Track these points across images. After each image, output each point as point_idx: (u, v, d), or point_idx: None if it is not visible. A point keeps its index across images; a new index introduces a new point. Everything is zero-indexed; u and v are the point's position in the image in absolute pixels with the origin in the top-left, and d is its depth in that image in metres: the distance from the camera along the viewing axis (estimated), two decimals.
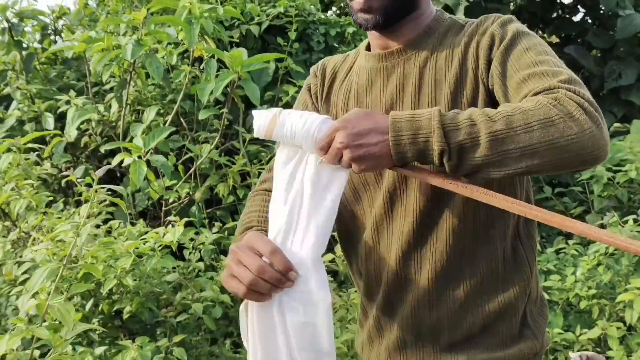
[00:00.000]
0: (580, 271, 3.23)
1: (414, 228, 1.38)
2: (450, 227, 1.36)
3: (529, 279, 1.41)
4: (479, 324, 1.39)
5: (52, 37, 4.63)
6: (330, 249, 3.25)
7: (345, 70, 1.56)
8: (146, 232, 3.04)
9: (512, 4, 6.67)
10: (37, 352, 2.36)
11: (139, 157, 3.16)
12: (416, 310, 1.41)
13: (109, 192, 2.86)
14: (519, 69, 1.26)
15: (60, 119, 3.99)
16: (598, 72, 6.50)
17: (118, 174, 3.99)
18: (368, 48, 1.53)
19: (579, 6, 7.13)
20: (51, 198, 3.33)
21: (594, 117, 1.14)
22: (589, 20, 7.08)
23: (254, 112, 1.28)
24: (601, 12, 6.77)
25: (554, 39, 7.21)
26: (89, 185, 2.95)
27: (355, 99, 1.48)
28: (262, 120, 1.26)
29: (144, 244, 2.89)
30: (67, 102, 3.69)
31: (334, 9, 7.09)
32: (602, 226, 3.55)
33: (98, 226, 3.03)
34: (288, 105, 4.01)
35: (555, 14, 7.31)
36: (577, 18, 7.28)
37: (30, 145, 3.44)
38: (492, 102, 1.32)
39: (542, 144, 1.11)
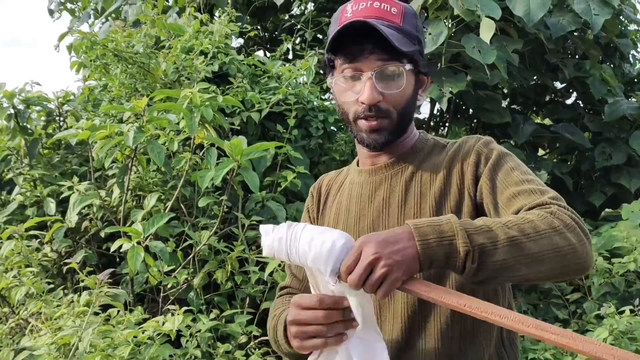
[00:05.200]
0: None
1: (402, 334, 1.42)
2: (439, 333, 1.41)
3: None
4: None
5: (57, 118, 4.71)
6: None
7: (338, 186, 1.67)
8: (144, 320, 3.05)
9: (504, 88, 6.80)
10: None
11: (138, 242, 3.20)
12: None
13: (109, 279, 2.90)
14: (508, 185, 1.38)
15: (62, 202, 4.04)
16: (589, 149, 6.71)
17: (117, 259, 4.01)
18: (358, 164, 1.64)
19: (571, 90, 7.29)
20: (51, 286, 3.34)
21: (585, 230, 1.27)
22: (581, 104, 7.23)
23: (262, 227, 1.24)
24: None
25: (547, 122, 7.35)
26: (91, 273, 2.99)
27: (346, 211, 1.57)
28: (271, 237, 1.21)
29: (143, 333, 2.90)
30: (70, 188, 3.75)
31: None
32: (600, 317, 3.55)
33: (97, 313, 3.04)
34: (287, 190, 4.06)
35: (548, 98, 7.48)
36: (569, 101, 7.45)
37: (31, 231, 3.48)
38: (477, 214, 1.42)
39: (549, 251, 1.20)
